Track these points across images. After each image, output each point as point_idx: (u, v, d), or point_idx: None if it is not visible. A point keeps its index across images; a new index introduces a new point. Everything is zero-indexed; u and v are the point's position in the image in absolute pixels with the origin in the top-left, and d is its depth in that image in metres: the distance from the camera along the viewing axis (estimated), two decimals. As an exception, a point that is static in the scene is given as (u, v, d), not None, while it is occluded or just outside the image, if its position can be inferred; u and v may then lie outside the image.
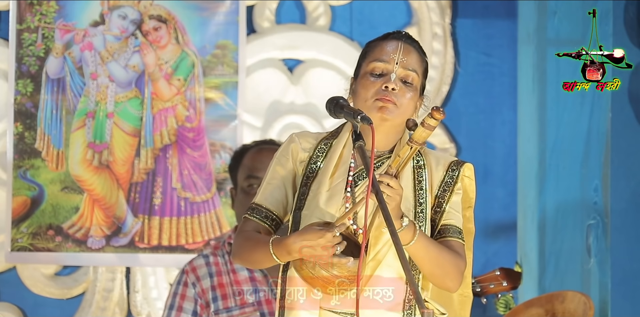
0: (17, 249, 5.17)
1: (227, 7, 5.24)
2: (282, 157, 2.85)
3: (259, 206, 2.83)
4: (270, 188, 2.83)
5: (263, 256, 2.70)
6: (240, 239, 2.79)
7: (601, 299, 4.21)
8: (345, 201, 2.75)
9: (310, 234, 2.60)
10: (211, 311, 4.06)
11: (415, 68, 2.82)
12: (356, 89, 2.82)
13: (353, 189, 2.77)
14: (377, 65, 2.80)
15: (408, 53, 2.82)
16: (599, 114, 4.29)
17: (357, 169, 2.80)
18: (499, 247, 5.34)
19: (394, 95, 2.76)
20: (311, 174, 2.81)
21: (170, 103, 5.23)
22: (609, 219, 4.19)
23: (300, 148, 2.84)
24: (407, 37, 2.86)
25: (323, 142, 2.86)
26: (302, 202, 2.79)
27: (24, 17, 5.23)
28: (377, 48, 2.83)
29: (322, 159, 2.82)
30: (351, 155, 2.81)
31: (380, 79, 2.79)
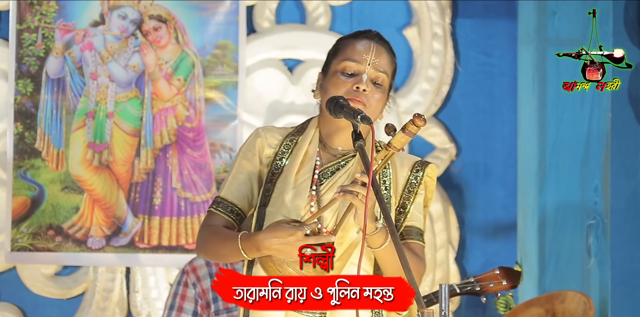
0: (17, 249, 5.17)
1: (227, 7, 5.24)
2: (248, 152, 2.85)
3: (224, 199, 2.83)
4: (236, 182, 2.83)
5: (231, 251, 2.71)
6: (206, 233, 2.79)
7: (601, 299, 4.21)
8: (310, 199, 2.76)
9: (281, 232, 2.62)
10: (211, 312, 4.07)
11: (385, 69, 2.84)
12: (326, 86, 2.83)
13: (318, 188, 2.78)
14: (349, 65, 2.81)
15: (380, 54, 2.84)
16: (599, 114, 4.29)
17: (322, 167, 2.81)
18: (499, 247, 5.34)
19: (365, 96, 2.78)
20: (276, 170, 2.82)
21: (170, 103, 5.23)
22: (609, 219, 4.19)
23: (266, 143, 2.85)
24: (379, 38, 2.88)
25: (288, 138, 2.86)
26: (267, 198, 2.79)
27: (24, 17, 5.23)
28: (349, 47, 2.84)
29: (288, 155, 2.83)
30: (316, 153, 2.82)
31: (351, 78, 2.80)
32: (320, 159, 2.82)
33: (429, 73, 5.36)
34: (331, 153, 2.84)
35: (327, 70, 2.86)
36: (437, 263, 5.30)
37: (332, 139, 2.85)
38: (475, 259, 5.35)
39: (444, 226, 5.33)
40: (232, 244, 2.70)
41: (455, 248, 5.33)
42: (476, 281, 4.27)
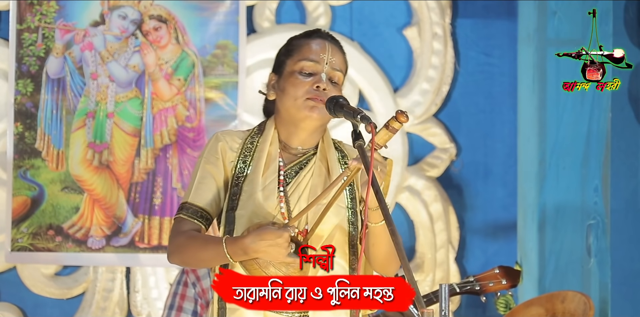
0: (17, 249, 5.17)
1: (227, 7, 5.24)
2: (211, 156, 2.85)
3: (192, 205, 2.82)
4: (202, 187, 2.82)
5: (213, 255, 2.71)
6: (181, 239, 2.77)
7: (601, 299, 4.21)
8: (279, 200, 2.77)
9: (269, 234, 2.62)
10: (211, 311, 4.06)
11: (341, 68, 2.88)
12: (283, 86, 2.85)
13: (285, 188, 2.80)
14: (307, 65, 2.84)
15: (335, 53, 2.87)
16: (599, 114, 4.29)
17: (286, 168, 2.82)
18: (499, 247, 5.34)
19: (325, 95, 2.80)
20: (241, 173, 2.82)
21: (171, 103, 5.23)
22: (609, 219, 4.19)
23: (228, 147, 2.85)
24: (331, 37, 2.91)
25: (248, 140, 2.87)
26: (235, 202, 2.80)
27: (24, 17, 5.23)
28: (304, 47, 2.86)
29: (250, 158, 2.84)
30: (278, 154, 2.83)
31: (309, 78, 2.83)
32: (282, 160, 2.84)
33: (429, 73, 5.36)
34: (292, 153, 2.87)
35: (281, 71, 2.88)
36: (437, 263, 5.30)
37: (291, 139, 2.87)
38: (475, 259, 5.35)
39: (444, 226, 5.33)
40: (214, 248, 2.70)
41: (455, 248, 5.33)
42: (476, 281, 4.27)
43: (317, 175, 2.82)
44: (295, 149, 2.87)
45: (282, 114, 2.86)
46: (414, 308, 3.68)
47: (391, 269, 2.85)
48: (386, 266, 2.83)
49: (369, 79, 5.33)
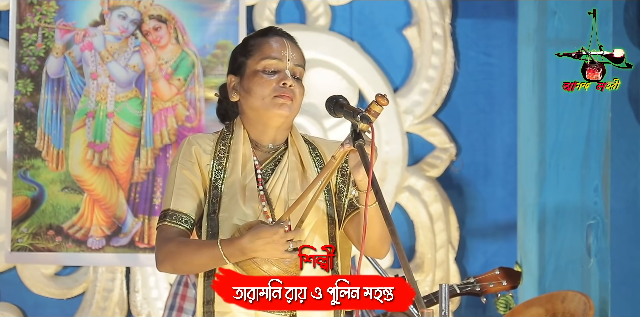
0: (17, 249, 5.17)
1: (227, 7, 5.24)
2: (186, 161, 2.84)
3: (175, 211, 2.81)
4: (182, 193, 2.81)
5: (208, 259, 2.70)
6: (172, 246, 2.76)
7: (601, 299, 4.21)
8: (260, 199, 2.77)
9: (265, 232, 2.63)
10: (211, 311, 4.06)
11: (301, 63, 2.89)
12: (248, 86, 2.84)
13: (264, 186, 2.80)
14: (270, 63, 2.84)
15: (294, 49, 2.90)
16: (599, 114, 4.29)
17: (262, 167, 2.83)
18: (499, 247, 5.34)
19: (291, 92, 2.82)
20: (218, 176, 2.82)
21: (171, 103, 5.23)
22: (609, 219, 4.19)
23: (201, 151, 2.85)
24: (287, 34, 2.93)
25: (220, 143, 2.87)
26: (216, 205, 2.80)
27: (24, 17, 5.23)
28: (264, 45, 2.87)
29: (226, 160, 2.84)
30: (252, 153, 2.84)
31: (274, 76, 2.83)
32: (257, 158, 2.84)
33: (429, 73, 5.36)
34: (264, 151, 2.88)
35: (241, 72, 2.88)
36: (437, 263, 5.30)
37: (261, 137, 2.87)
38: (475, 259, 5.35)
39: (444, 226, 5.33)
40: (209, 251, 2.69)
41: (455, 248, 5.33)
42: (476, 281, 4.27)
43: (292, 169, 2.84)
44: (267, 147, 2.88)
45: (249, 114, 2.87)
46: (414, 308, 3.68)
47: (383, 252, 2.86)
48: (379, 248, 2.84)
49: (369, 79, 5.34)
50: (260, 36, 2.91)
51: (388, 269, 5.19)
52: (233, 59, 2.93)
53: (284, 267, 2.68)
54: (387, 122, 5.33)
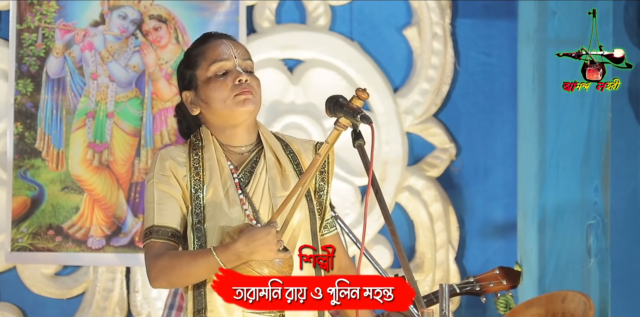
0: (17, 249, 5.17)
1: (227, 7, 5.24)
2: (161, 176, 2.83)
3: (161, 227, 2.81)
4: (164, 207, 2.81)
5: (204, 268, 2.69)
6: (164, 261, 2.74)
7: (601, 299, 4.21)
8: (242, 203, 2.77)
9: (258, 234, 2.63)
10: (211, 311, 4.06)
11: (248, 57, 2.89)
12: (205, 95, 2.83)
13: (244, 190, 2.80)
14: (219, 65, 2.84)
15: (237, 45, 2.89)
16: (599, 114, 4.29)
17: (239, 171, 2.82)
18: (499, 247, 5.34)
19: (249, 86, 2.82)
20: (198, 187, 2.81)
21: (171, 103, 5.23)
22: (609, 219, 4.19)
23: (176, 164, 2.83)
24: (225, 34, 2.91)
25: (192, 152, 2.86)
26: (201, 215, 2.79)
27: (24, 17, 5.23)
28: (207, 52, 2.87)
29: (202, 170, 2.83)
30: (226, 159, 2.83)
31: (228, 77, 2.82)
32: (232, 163, 2.84)
33: (429, 73, 5.36)
34: (237, 153, 2.86)
35: (193, 84, 2.86)
36: (437, 263, 5.30)
37: (232, 140, 2.87)
38: (475, 259, 5.35)
39: (444, 226, 5.33)
40: (204, 261, 2.69)
41: (455, 248, 5.33)
42: (476, 281, 4.27)
43: (270, 167, 2.83)
44: (239, 148, 2.87)
45: (214, 121, 2.86)
46: (414, 308, 3.68)
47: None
48: None
49: (369, 79, 5.34)
50: (200, 45, 2.90)
51: (388, 269, 5.19)
52: (181, 75, 2.90)
53: (277, 268, 2.68)
54: (387, 122, 5.33)
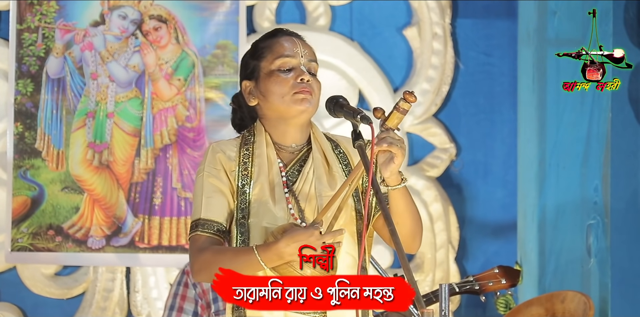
0: (17, 249, 5.18)
1: (227, 7, 5.25)
2: (212, 169, 2.84)
3: (207, 220, 2.81)
4: (212, 201, 2.81)
5: (245, 266, 2.69)
6: (207, 255, 2.75)
7: (601, 299, 4.21)
8: (287, 202, 2.77)
9: (300, 235, 2.62)
10: (212, 312, 4.07)
11: (314, 58, 2.90)
12: (265, 88, 2.84)
13: (291, 188, 2.80)
14: (285, 61, 2.84)
15: (305, 45, 2.90)
16: (599, 114, 4.29)
17: (287, 168, 2.82)
18: (499, 247, 5.34)
19: (310, 87, 2.82)
20: (245, 181, 2.82)
21: (171, 103, 5.23)
22: (609, 219, 4.19)
23: (226, 158, 2.84)
24: (295, 33, 2.92)
25: (243, 147, 2.87)
26: (246, 211, 2.80)
27: (24, 17, 5.23)
28: (275, 46, 2.87)
29: (250, 165, 2.83)
30: (276, 156, 2.84)
31: (291, 73, 2.83)
32: (281, 161, 2.84)
33: (429, 73, 5.36)
34: (288, 151, 2.87)
35: (256, 75, 2.87)
36: (437, 263, 5.30)
37: (284, 138, 2.87)
38: (475, 259, 5.35)
39: (444, 226, 5.33)
40: (246, 258, 2.69)
41: (455, 248, 5.33)
42: (475, 280, 4.27)
43: (318, 166, 2.83)
44: (290, 147, 2.87)
45: (270, 115, 2.86)
46: (414, 308, 3.68)
47: (414, 246, 2.84)
48: (409, 243, 2.81)
49: (369, 79, 5.34)
50: (269, 38, 2.91)
51: (388, 269, 5.19)
52: (245, 65, 2.92)
53: (319, 269, 2.68)
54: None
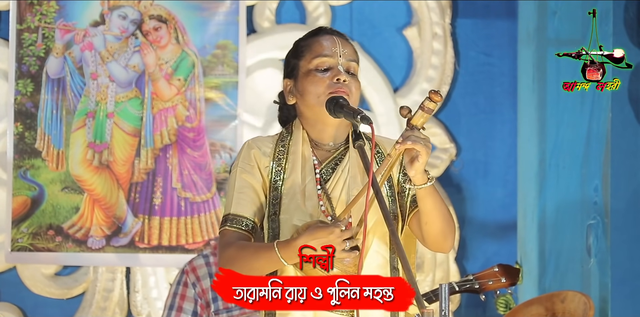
0: (17, 249, 5.18)
1: (227, 7, 5.25)
2: (245, 165, 2.85)
3: (236, 215, 2.82)
4: (243, 197, 2.82)
5: (266, 262, 2.70)
6: (231, 251, 2.77)
7: (601, 299, 4.21)
8: (319, 199, 2.77)
9: (320, 232, 2.61)
10: (211, 311, 4.07)
11: (354, 58, 2.88)
12: (302, 87, 2.84)
13: (324, 186, 2.79)
14: (322, 60, 2.84)
15: (345, 45, 2.89)
16: (599, 114, 4.29)
17: (322, 166, 2.82)
18: (499, 247, 5.34)
19: (346, 87, 2.81)
20: (278, 177, 2.82)
21: (171, 103, 5.23)
22: (609, 219, 4.19)
23: (261, 154, 2.85)
24: (337, 31, 2.92)
25: (279, 144, 2.87)
26: (277, 206, 2.80)
27: (24, 17, 5.23)
28: (314, 45, 2.87)
29: (285, 161, 2.84)
30: (311, 153, 2.84)
31: (327, 73, 2.83)
32: (317, 158, 2.84)
33: (429, 73, 5.36)
34: (325, 149, 2.86)
35: (295, 74, 2.87)
36: (437, 263, 5.30)
37: (321, 136, 2.86)
38: (475, 258, 5.35)
39: (444, 226, 5.32)
40: (266, 254, 2.69)
41: (455, 248, 5.33)
42: (475, 279, 4.27)
43: (353, 166, 2.82)
44: (327, 146, 2.87)
45: (307, 114, 2.86)
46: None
47: (446, 246, 2.82)
48: (441, 242, 2.80)
49: (369, 79, 5.34)
50: (310, 37, 2.90)
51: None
52: (286, 63, 2.91)
53: (342, 267, 2.67)
54: (387, 122, 5.33)
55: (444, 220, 2.76)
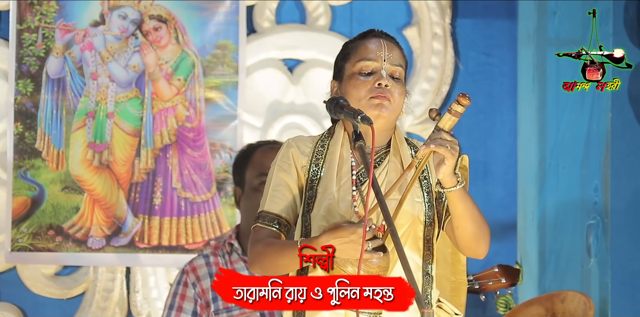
0: (17, 249, 5.18)
1: (227, 7, 5.25)
2: (283, 163, 2.86)
3: (268, 213, 2.84)
4: (277, 194, 2.84)
5: (290, 260, 2.71)
6: (259, 247, 2.78)
7: (601, 299, 4.21)
8: (353, 200, 2.77)
9: (342, 231, 2.61)
10: (211, 311, 4.07)
11: (400, 63, 2.89)
12: (345, 90, 2.84)
13: (359, 188, 2.79)
14: (366, 64, 2.84)
15: (392, 49, 2.88)
16: (599, 114, 4.29)
17: (359, 168, 2.82)
18: (499, 247, 5.34)
19: (388, 92, 2.81)
20: (315, 177, 2.83)
21: (171, 103, 5.23)
22: (609, 219, 4.19)
23: (299, 153, 2.85)
24: (386, 34, 2.92)
25: (319, 144, 2.88)
26: (310, 205, 2.81)
27: (24, 17, 5.23)
28: (360, 47, 2.87)
29: (322, 161, 2.84)
30: (351, 155, 2.83)
31: (370, 77, 2.83)
32: (355, 160, 2.83)
33: (429, 73, 5.36)
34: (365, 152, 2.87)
35: (341, 76, 2.87)
36: (437, 263, 5.30)
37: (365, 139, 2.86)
38: (475, 259, 5.34)
39: (444, 226, 5.32)
40: (290, 252, 2.70)
41: (455, 248, 5.33)
42: (475, 279, 4.27)
43: (392, 170, 2.83)
44: (367, 148, 2.87)
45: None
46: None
47: (480, 251, 2.82)
48: (474, 247, 2.80)
49: (369, 79, 5.33)
50: (359, 39, 2.91)
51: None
52: (335, 65, 2.93)
53: (365, 268, 2.67)
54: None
55: (475, 224, 2.75)
